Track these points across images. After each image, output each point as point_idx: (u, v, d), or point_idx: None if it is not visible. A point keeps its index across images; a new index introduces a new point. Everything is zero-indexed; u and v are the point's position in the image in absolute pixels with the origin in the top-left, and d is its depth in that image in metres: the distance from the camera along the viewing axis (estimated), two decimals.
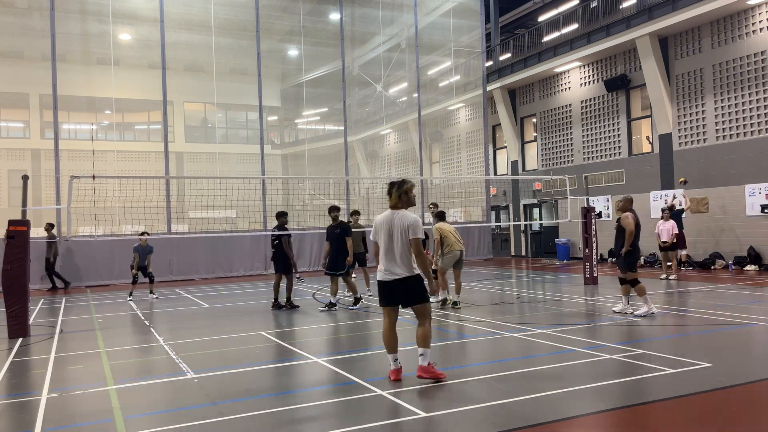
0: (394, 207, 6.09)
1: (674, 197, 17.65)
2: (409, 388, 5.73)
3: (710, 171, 17.49)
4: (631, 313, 9.52)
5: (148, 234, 14.28)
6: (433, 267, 10.86)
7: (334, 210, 11.58)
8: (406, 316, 7.79)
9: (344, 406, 5.35)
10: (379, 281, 6.05)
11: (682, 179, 17.22)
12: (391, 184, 6.17)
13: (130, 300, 13.67)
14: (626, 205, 10.05)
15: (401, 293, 5.93)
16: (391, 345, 5.99)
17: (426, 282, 5.97)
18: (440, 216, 11.13)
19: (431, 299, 7.63)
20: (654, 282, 14.18)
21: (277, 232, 11.71)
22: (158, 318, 11.11)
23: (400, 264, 5.89)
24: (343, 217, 14.41)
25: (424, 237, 6.05)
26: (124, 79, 22.68)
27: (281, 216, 11.84)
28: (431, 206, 13.46)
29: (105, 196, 13.93)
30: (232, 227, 21.49)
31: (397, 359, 5.98)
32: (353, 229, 12.28)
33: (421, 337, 5.90)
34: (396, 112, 29.04)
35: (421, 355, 5.89)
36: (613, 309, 9.96)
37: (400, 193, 6.07)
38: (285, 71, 27.95)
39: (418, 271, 5.93)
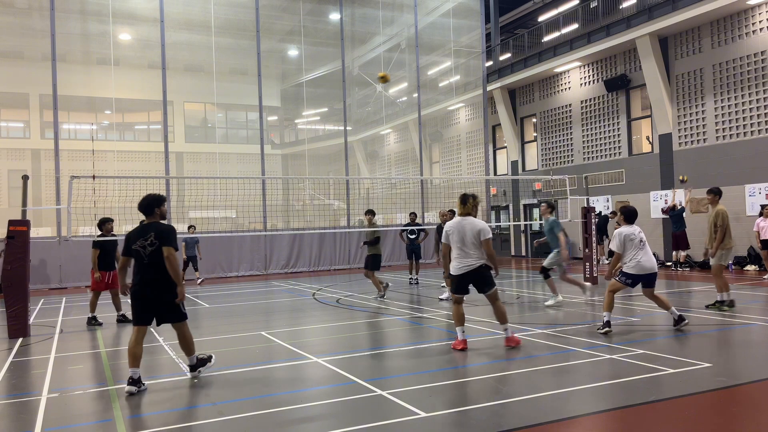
0: (465, 214, 7.56)
1: (675, 193, 17.66)
2: (409, 388, 5.73)
3: (710, 171, 17.49)
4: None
5: (194, 227, 15.95)
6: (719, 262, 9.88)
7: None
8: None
9: (344, 406, 5.35)
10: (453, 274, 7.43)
11: (682, 177, 17.24)
12: (466, 196, 7.68)
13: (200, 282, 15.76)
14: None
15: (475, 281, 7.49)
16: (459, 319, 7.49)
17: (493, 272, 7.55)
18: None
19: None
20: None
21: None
22: None
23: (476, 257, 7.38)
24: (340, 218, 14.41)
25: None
26: (124, 79, 22.68)
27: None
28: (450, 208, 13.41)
29: (105, 196, 13.94)
30: (232, 227, 21.50)
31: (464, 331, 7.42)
32: (370, 229, 12.51)
33: (500, 314, 7.52)
34: (396, 112, 29.04)
35: (506, 329, 7.49)
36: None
37: (475, 204, 7.68)
38: (285, 71, 27.95)
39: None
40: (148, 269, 6.01)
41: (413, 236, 15.86)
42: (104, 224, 10.67)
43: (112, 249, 10.61)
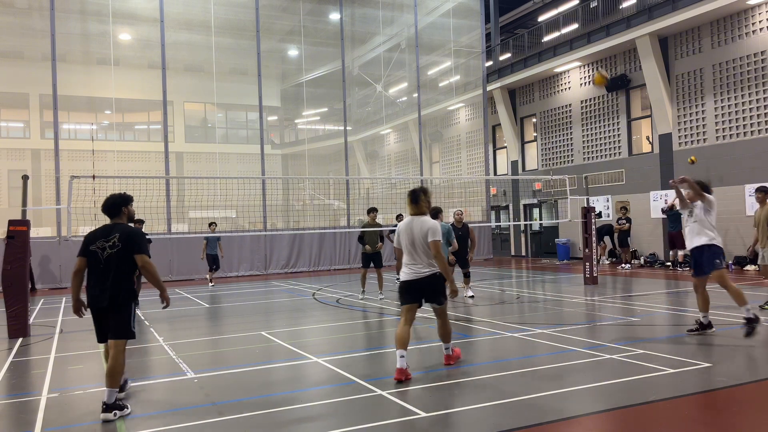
0: (417, 213, 6.32)
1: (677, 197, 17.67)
2: (409, 388, 5.73)
3: (710, 171, 17.48)
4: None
5: (216, 224, 16.26)
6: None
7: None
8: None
9: (344, 406, 5.35)
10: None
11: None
12: (416, 193, 6.33)
13: (212, 286, 16.12)
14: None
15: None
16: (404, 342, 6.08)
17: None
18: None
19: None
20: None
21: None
22: (158, 318, 11.10)
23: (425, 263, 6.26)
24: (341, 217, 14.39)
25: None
26: (124, 79, 22.68)
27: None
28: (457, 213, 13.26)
29: (105, 196, 13.91)
30: (232, 227, 21.49)
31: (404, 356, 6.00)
32: (369, 228, 12.61)
33: (445, 333, 6.53)
34: (396, 112, 29.03)
35: (447, 348, 6.58)
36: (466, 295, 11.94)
37: (428, 201, 6.42)
38: (285, 71, 27.95)
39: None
40: (104, 275, 5.30)
41: None
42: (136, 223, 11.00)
43: None
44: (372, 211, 13.07)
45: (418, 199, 6.27)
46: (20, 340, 9.05)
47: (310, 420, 5.02)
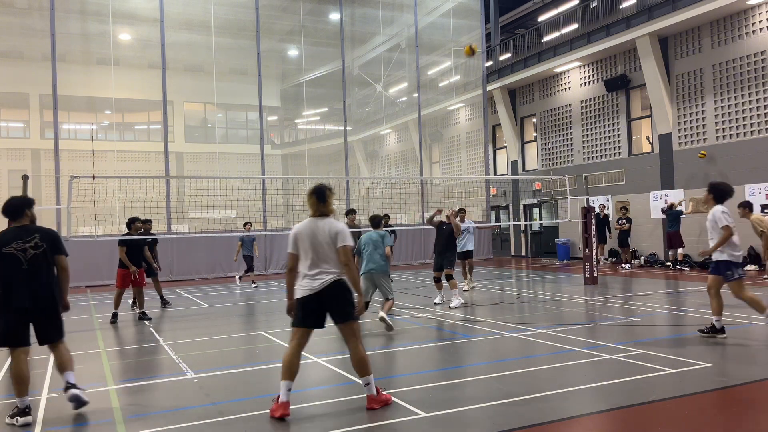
0: (321, 214, 5.28)
1: (681, 201, 17.68)
2: (409, 388, 5.73)
3: (710, 171, 17.48)
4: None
5: (251, 224, 16.19)
6: None
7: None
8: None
9: (344, 406, 5.35)
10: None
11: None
12: (322, 190, 5.30)
13: (255, 286, 15.96)
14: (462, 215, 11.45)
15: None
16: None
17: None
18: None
19: None
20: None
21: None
22: (158, 318, 11.10)
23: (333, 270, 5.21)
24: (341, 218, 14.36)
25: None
26: (124, 79, 22.68)
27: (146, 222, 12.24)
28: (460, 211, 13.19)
29: (105, 196, 13.94)
30: (232, 227, 21.49)
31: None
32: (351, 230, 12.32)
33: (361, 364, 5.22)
34: (396, 112, 29.03)
35: (368, 384, 5.20)
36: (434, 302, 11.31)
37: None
38: (285, 71, 27.95)
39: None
40: (30, 276, 5.18)
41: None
42: (133, 223, 11.33)
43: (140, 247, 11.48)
44: (351, 212, 12.72)
45: (326, 198, 5.26)
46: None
47: (310, 420, 5.02)
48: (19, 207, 5.42)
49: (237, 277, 17.34)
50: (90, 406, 5.56)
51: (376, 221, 9.30)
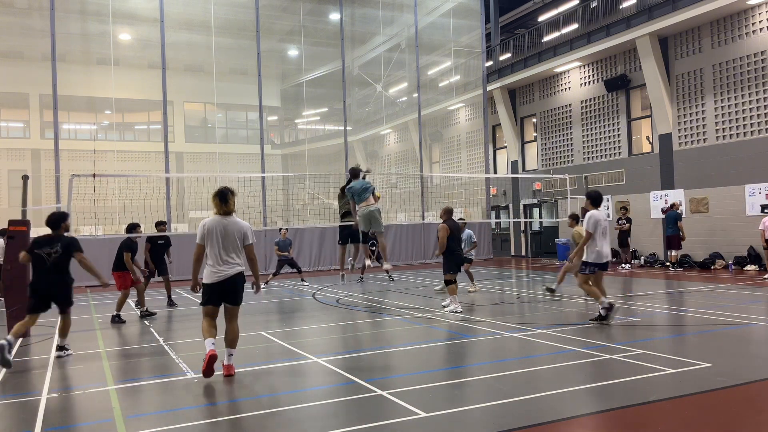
0: (227, 213, 6.53)
1: (679, 204, 17.70)
2: (409, 388, 5.73)
3: (710, 171, 17.49)
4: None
5: (286, 229, 16.46)
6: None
7: None
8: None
9: (344, 406, 5.35)
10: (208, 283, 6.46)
11: None
12: (225, 193, 6.62)
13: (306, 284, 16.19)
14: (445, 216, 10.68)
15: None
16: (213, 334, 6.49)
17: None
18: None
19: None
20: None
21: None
22: (158, 318, 11.10)
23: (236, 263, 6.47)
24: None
25: None
26: (124, 79, 22.67)
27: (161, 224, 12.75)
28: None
29: (105, 195, 13.94)
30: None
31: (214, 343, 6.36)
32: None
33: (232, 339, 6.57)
34: (396, 112, 29.03)
35: (230, 355, 6.48)
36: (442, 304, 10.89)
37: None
38: (285, 71, 27.94)
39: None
40: (50, 272, 7.54)
41: None
42: (134, 228, 11.50)
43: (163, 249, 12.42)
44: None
45: (228, 199, 6.54)
46: (20, 340, 9.04)
47: (310, 420, 5.01)
48: (57, 221, 7.69)
49: (301, 279, 17.16)
50: (90, 406, 5.56)
51: (355, 172, 10.31)
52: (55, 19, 18.73)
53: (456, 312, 10.19)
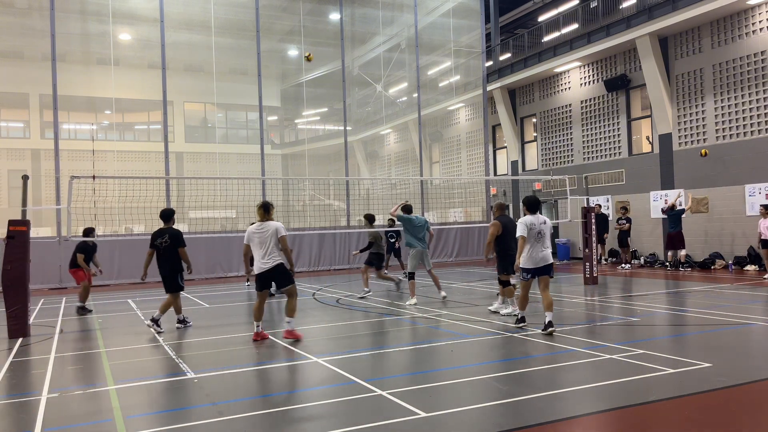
0: (268, 219, 8.34)
1: (679, 195, 17.69)
2: (408, 388, 5.73)
3: (710, 171, 17.49)
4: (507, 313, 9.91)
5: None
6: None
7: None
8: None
9: (344, 406, 5.35)
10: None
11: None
12: (268, 205, 8.47)
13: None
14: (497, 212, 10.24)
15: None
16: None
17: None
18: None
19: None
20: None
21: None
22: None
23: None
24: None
25: None
26: (124, 79, 22.68)
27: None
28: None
29: (105, 196, 13.95)
30: (231, 227, 21.48)
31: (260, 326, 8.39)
32: (370, 229, 13.77)
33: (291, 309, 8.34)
34: (396, 112, 29.03)
35: (288, 322, 8.32)
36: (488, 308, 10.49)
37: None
38: (285, 71, 27.94)
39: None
40: (163, 258, 9.40)
41: (393, 239, 16.67)
42: (91, 233, 12.32)
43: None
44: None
45: (269, 210, 8.40)
46: (20, 340, 9.05)
47: (310, 420, 5.02)
48: (168, 216, 9.58)
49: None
50: (90, 406, 5.56)
51: (409, 209, 12.12)
52: (55, 19, 18.73)
53: (513, 315, 9.38)
